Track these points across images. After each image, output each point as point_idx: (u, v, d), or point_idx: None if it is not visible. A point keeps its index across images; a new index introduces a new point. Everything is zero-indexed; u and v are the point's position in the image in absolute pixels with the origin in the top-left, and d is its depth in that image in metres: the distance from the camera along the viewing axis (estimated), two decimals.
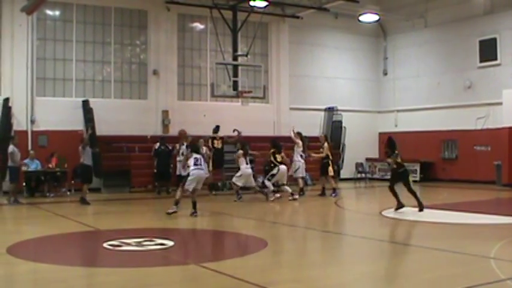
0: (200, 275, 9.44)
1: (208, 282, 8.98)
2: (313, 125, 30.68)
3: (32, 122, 25.74)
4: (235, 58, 27.29)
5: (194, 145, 17.86)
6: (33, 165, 23.71)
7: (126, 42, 28.52)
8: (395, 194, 17.04)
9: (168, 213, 16.85)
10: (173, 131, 27.36)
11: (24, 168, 23.03)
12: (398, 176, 17.17)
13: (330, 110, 32.30)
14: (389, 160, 17.10)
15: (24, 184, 23.42)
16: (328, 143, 23.13)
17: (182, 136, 22.06)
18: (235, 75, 26.64)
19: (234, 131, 25.68)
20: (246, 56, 27.82)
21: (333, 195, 22.23)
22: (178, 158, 22.97)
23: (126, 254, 11.25)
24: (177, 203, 17.00)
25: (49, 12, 26.88)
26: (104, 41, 27.81)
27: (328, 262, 10.84)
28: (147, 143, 26.20)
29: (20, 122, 25.44)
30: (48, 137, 25.63)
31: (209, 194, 23.31)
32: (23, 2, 23.98)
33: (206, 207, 19.05)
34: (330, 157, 22.83)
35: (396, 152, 17.08)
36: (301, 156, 22.78)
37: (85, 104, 26.44)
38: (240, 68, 27.35)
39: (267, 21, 30.90)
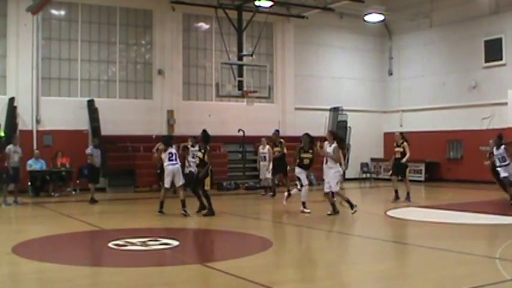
0: (205, 275, 9.44)
1: (213, 282, 9.00)
2: (319, 125, 30.64)
3: (37, 121, 25.82)
4: (240, 58, 27.30)
5: (167, 140, 18.12)
6: (38, 165, 23.74)
7: (131, 42, 28.56)
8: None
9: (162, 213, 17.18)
10: (178, 131, 27.40)
11: (28, 169, 23.18)
12: None
13: (335, 110, 32.25)
14: None
15: (29, 183, 23.48)
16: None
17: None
18: (240, 75, 26.66)
19: (239, 130, 25.67)
20: (251, 55, 27.83)
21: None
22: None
23: (131, 253, 11.25)
24: (183, 204, 17.13)
25: (54, 12, 26.93)
26: (109, 40, 27.85)
27: (333, 262, 10.83)
28: (152, 143, 26.14)
29: (25, 121, 25.51)
30: (54, 137, 25.67)
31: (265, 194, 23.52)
32: (28, 2, 24.01)
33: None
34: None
35: None
36: None
37: (90, 103, 26.49)
38: (245, 67, 27.39)
39: (272, 21, 30.88)
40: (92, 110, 26.32)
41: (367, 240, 13.20)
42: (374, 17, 30.94)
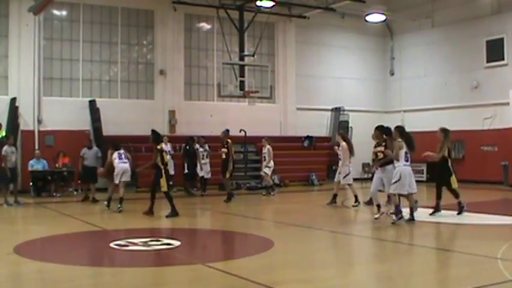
0: (207, 275, 9.44)
1: (214, 282, 8.99)
2: (320, 125, 30.72)
3: (39, 121, 25.86)
4: (241, 58, 27.31)
5: (114, 143, 19.46)
6: (40, 165, 23.76)
7: (133, 42, 28.57)
8: None
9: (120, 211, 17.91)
10: (180, 131, 27.43)
11: (30, 169, 23.27)
12: None
13: (337, 110, 32.29)
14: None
15: (31, 184, 23.51)
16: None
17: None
18: (242, 75, 26.67)
19: (240, 131, 25.67)
20: (253, 56, 27.85)
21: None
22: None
23: (133, 253, 11.24)
24: (121, 201, 18.18)
25: (56, 12, 26.95)
26: (111, 41, 27.87)
27: (335, 262, 10.84)
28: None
29: (26, 121, 25.55)
30: (55, 137, 25.69)
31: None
32: (30, 2, 24.04)
33: (214, 208, 19.10)
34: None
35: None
36: None
37: (92, 104, 26.52)
38: (246, 68, 27.40)
39: (273, 21, 30.89)
40: (94, 110, 26.35)
41: (369, 241, 13.20)
42: (375, 17, 30.97)
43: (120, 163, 18.72)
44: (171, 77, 28.71)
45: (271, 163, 23.30)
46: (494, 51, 29.01)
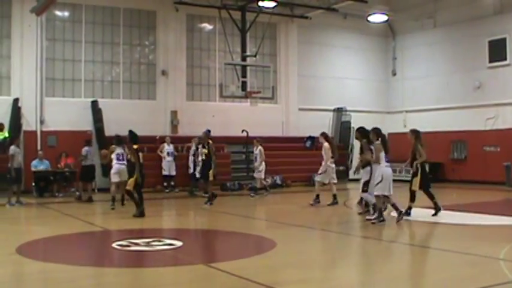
0: (209, 275, 9.44)
1: (216, 282, 8.99)
2: (322, 126, 30.62)
3: (41, 122, 25.90)
4: (244, 58, 27.32)
5: (118, 140, 19.35)
6: (43, 166, 23.80)
7: (135, 43, 28.60)
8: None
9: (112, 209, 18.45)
10: (182, 132, 27.46)
11: (32, 169, 23.35)
12: None
13: (339, 111, 32.29)
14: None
15: (33, 184, 23.55)
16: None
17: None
18: (244, 75, 26.69)
19: (242, 131, 25.68)
20: (255, 56, 27.87)
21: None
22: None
23: (135, 254, 11.26)
24: (114, 199, 18.77)
25: (58, 13, 26.98)
26: (113, 41, 27.90)
27: (337, 263, 10.84)
28: (156, 144, 26.19)
29: (29, 122, 25.59)
30: (57, 137, 25.72)
31: None
32: (33, 3, 24.04)
33: (216, 209, 19.10)
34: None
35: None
36: None
37: (94, 104, 26.55)
38: (248, 68, 27.42)
39: (275, 22, 30.89)
40: (96, 111, 26.39)
41: (372, 241, 13.19)
42: (378, 17, 31.00)
43: (117, 164, 19.25)
44: (173, 78, 28.72)
45: (263, 165, 23.14)
46: (497, 52, 29.00)
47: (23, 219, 18.51)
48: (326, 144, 19.72)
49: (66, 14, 27.27)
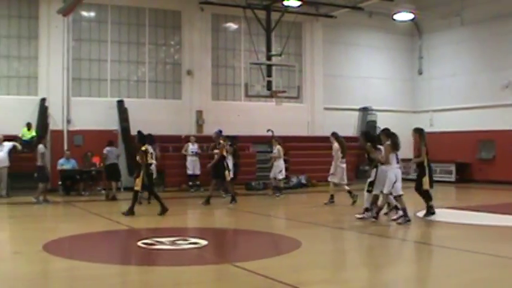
0: (233, 275, 9.43)
1: (241, 282, 8.97)
2: (348, 125, 30.57)
3: (68, 121, 26.07)
4: (269, 58, 27.27)
5: (151, 137, 19.00)
6: (69, 165, 24.00)
7: (161, 43, 28.68)
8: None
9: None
10: (207, 131, 27.45)
11: (59, 168, 23.58)
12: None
13: (365, 110, 32.15)
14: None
15: (59, 183, 23.74)
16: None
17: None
18: (269, 75, 26.64)
19: (267, 131, 25.67)
20: (280, 55, 27.78)
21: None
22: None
23: (160, 252, 11.28)
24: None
25: (84, 13, 27.14)
26: (139, 41, 28.01)
27: (362, 263, 10.78)
28: (181, 143, 26.25)
29: (56, 121, 25.80)
30: (84, 137, 25.87)
31: None
32: (60, 4, 24.29)
33: (240, 208, 19.12)
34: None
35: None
36: None
37: (120, 104, 26.66)
38: (274, 67, 27.36)
39: (300, 21, 30.79)
40: (122, 110, 26.49)
41: (397, 242, 13.12)
42: (403, 16, 30.72)
43: None
44: (199, 77, 28.77)
45: (282, 164, 23.25)
46: None
47: (49, 217, 18.65)
48: (336, 144, 19.88)
49: (92, 14, 27.43)
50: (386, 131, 15.38)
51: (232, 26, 30.27)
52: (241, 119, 28.24)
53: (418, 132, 16.36)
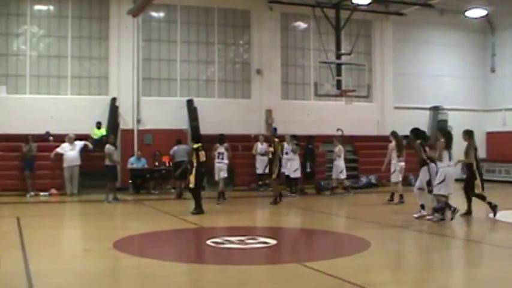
0: (302, 274, 9.35)
1: (310, 282, 8.88)
2: (418, 125, 29.83)
3: (138, 121, 26.36)
4: (338, 57, 27.11)
5: (221, 137, 20.37)
6: (140, 164, 24.30)
7: (230, 42, 28.78)
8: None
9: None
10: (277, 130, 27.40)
11: (129, 167, 23.91)
12: None
13: (435, 109, 31.63)
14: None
15: (130, 181, 24.05)
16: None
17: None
18: (339, 74, 26.49)
19: (337, 130, 25.50)
20: (349, 54, 27.56)
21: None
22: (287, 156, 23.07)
23: (229, 251, 11.28)
24: (219, 195, 20.05)
25: (154, 14, 27.42)
26: (208, 41, 28.15)
27: (432, 265, 10.54)
28: (250, 142, 26.27)
29: (126, 121, 26.13)
30: (154, 136, 26.13)
31: None
32: (130, 5, 24.57)
33: (309, 207, 19.02)
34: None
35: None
36: None
37: (189, 103, 26.83)
38: (343, 66, 27.18)
39: (370, 19, 30.49)
40: (191, 110, 26.66)
41: (469, 243, 12.85)
42: (476, 12, 30.10)
43: (216, 163, 20.19)
44: (268, 76, 28.76)
45: (342, 164, 23.33)
46: None
47: (119, 215, 18.91)
48: (392, 143, 19.86)
49: (162, 14, 27.70)
50: (442, 129, 15.44)
51: (301, 24, 30.16)
52: (311, 118, 28.13)
53: (468, 134, 16.19)
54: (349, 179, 26.36)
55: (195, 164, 17.14)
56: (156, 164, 24.63)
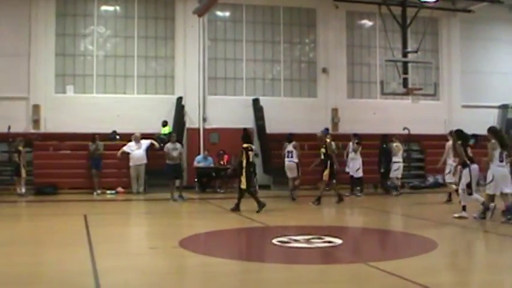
0: (368, 274, 9.28)
1: (376, 282, 8.82)
2: (486, 123, 29.43)
3: (204, 120, 26.58)
4: (404, 55, 26.81)
5: (289, 136, 20.94)
6: (207, 162, 24.54)
7: (295, 41, 28.79)
8: None
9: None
10: (343, 129, 27.32)
11: (195, 165, 24.14)
12: None
13: (504, 107, 31.02)
14: None
15: (195, 180, 24.25)
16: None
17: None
18: (405, 72, 26.19)
19: (404, 129, 25.25)
20: (416, 52, 27.23)
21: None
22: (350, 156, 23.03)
23: (295, 250, 11.27)
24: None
25: (219, 13, 27.64)
26: (273, 40, 28.23)
27: (501, 267, 10.32)
28: (316, 141, 26.14)
29: (192, 120, 26.40)
30: (219, 135, 26.30)
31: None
32: (195, 5, 24.76)
33: (374, 206, 18.88)
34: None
35: None
36: None
37: (255, 102, 26.93)
38: (410, 64, 26.88)
39: (437, 16, 30.08)
40: (257, 109, 26.75)
41: None
42: None
43: (286, 161, 21.33)
44: (334, 75, 28.66)
45: (399, 163, 23.25)
46: None
47: (185, 214, 19.08)
48: (448, 143, 19.91)
49: (227, 14, 27.90)
50: (493, 129, 15.33)
51: (367, 23, 29.99)
52: (377, 117, 27.94)
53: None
54: (417, 178, 26.17)
55: (244, 165, 17.24)
56: (222, 162, 24.79)
